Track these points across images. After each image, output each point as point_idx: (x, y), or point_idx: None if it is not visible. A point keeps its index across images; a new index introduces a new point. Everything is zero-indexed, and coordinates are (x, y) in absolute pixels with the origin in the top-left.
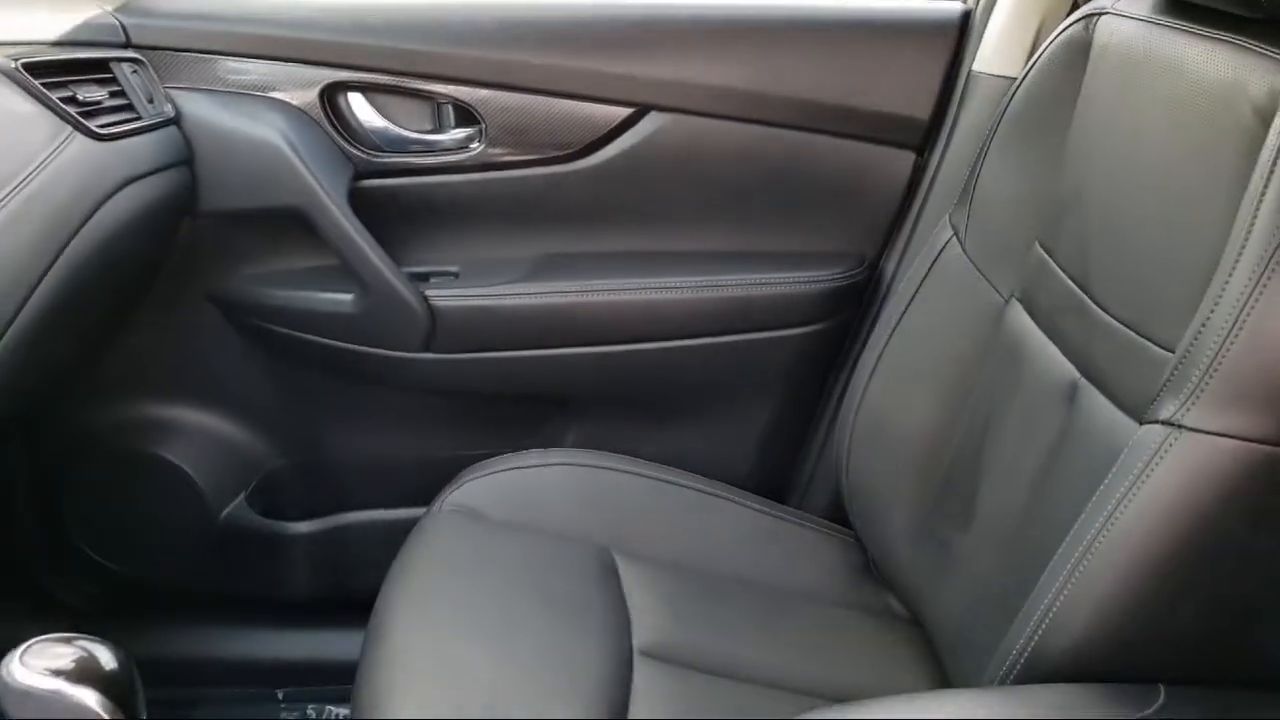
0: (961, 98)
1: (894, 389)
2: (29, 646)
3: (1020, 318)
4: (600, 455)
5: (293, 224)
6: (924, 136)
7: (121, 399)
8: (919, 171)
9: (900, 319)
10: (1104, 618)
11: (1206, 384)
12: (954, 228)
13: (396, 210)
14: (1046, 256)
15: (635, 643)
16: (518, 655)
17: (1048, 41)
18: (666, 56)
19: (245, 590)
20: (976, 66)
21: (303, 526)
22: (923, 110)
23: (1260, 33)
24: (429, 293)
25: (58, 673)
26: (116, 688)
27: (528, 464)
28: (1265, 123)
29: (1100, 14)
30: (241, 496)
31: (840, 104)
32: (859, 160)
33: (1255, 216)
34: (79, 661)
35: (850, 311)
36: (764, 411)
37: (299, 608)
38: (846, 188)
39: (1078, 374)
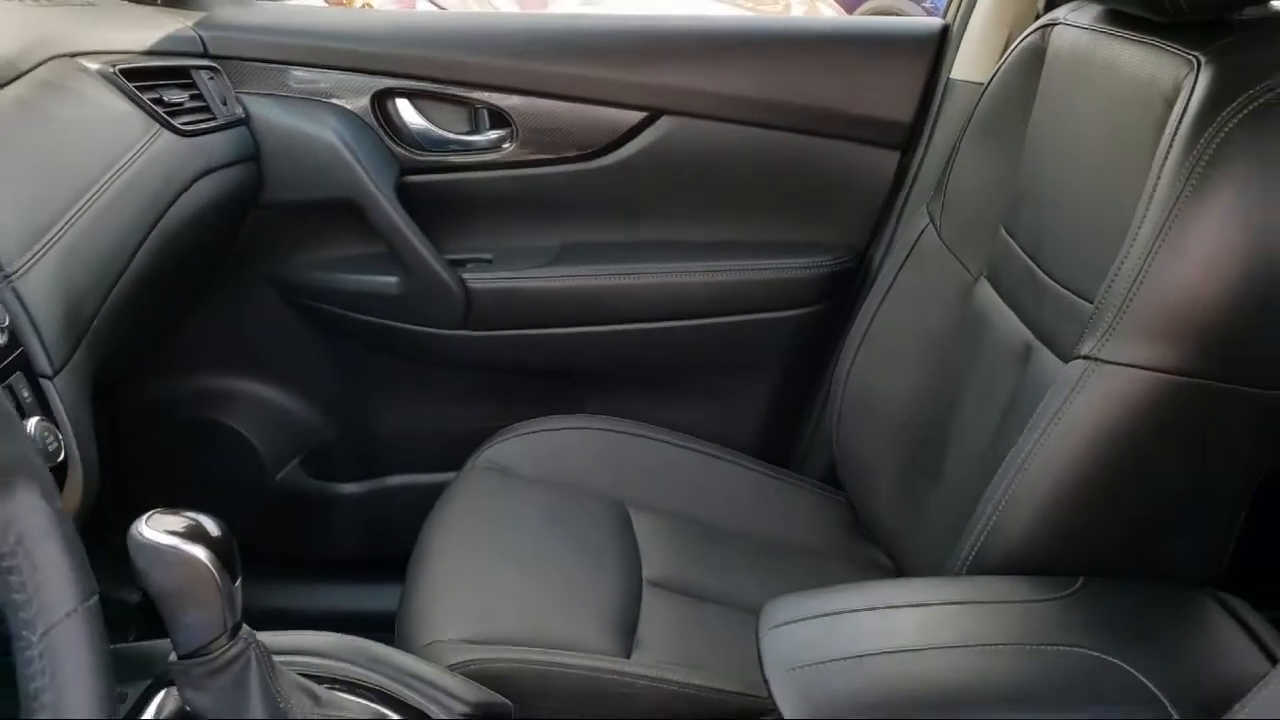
0: (940, 102)
1: (877, 363)
2: (150, 515)
3: (986, 292)
4: (616, 421)
5: (345, 214)
6: (907, 137)
7: (189, 372)
8: (903, 168)
9: (882, 300)
10: (1034, 525)
11: (1117, 324)
12: (930, 216)
13: (437, 203)
14: (1009, 238)
15: (645, 575)
16: (544, 584)
17: (1010, 50)
18: (677, 66)
19: (297, 545)
20: (954, 74)
21: (350, 488)
22: (905, 114)
23: (1172, 35)
24: (466, 276)
25: (174, 533)
26: (221, 547)
27: (552, 427)
28: (1170, 107)
29: (1054, 24)
30: (296, 461)
31: (831, 108)
32: (848, 159)
33: (1156, 184)
34: (190, 527)
35: (841, 295)
36: (764, 385)
37: (345, 563)
38: (837, 183)
39: (1031, 336)
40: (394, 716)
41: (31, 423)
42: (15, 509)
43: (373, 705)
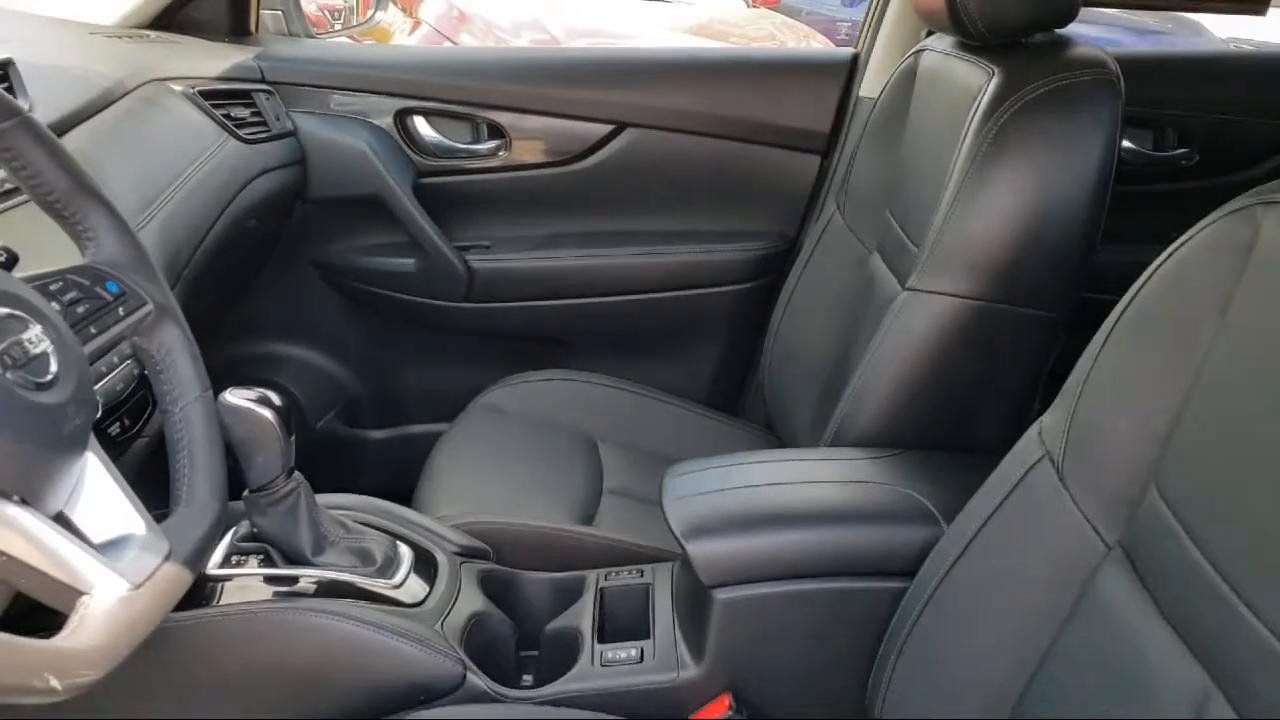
0: (851, 115)
1: (797, 323)
2: (232, 388)
3: (875, 260)
4: (590, 375)
5: (373, 208)
6: (826, 144)
7: (246, 339)
8: (823, 170)
9: (801, 273)
10: (874, 410)
11: (927, 263)
12: (838, 205)
13: (447, 199)
14: (890, 218)
15: (605, 485)
16: (522, 484)
17: (893, 73)
18: (638, 88)
19: (332, 483)
20: (861, 93)
21: (376, 434)
22: (824, 125)
23: (985, 54)
24: (469, 258)
25: (249, 399)
26: (281, 412)
27: (537, 379)
28: (974, 103)
29: (923, 50)
30: (332, 413)
31: (764, 121)
32: (778, 162)
33: (956, 160)
34: (261, 396)
35: (776, 274)
36: (713, 347)
37: (373, 494)
38: (771, 182)
39: (900, 287)
40: (403, 546)
41: None
42: (165, 333)
43: (386, 539)
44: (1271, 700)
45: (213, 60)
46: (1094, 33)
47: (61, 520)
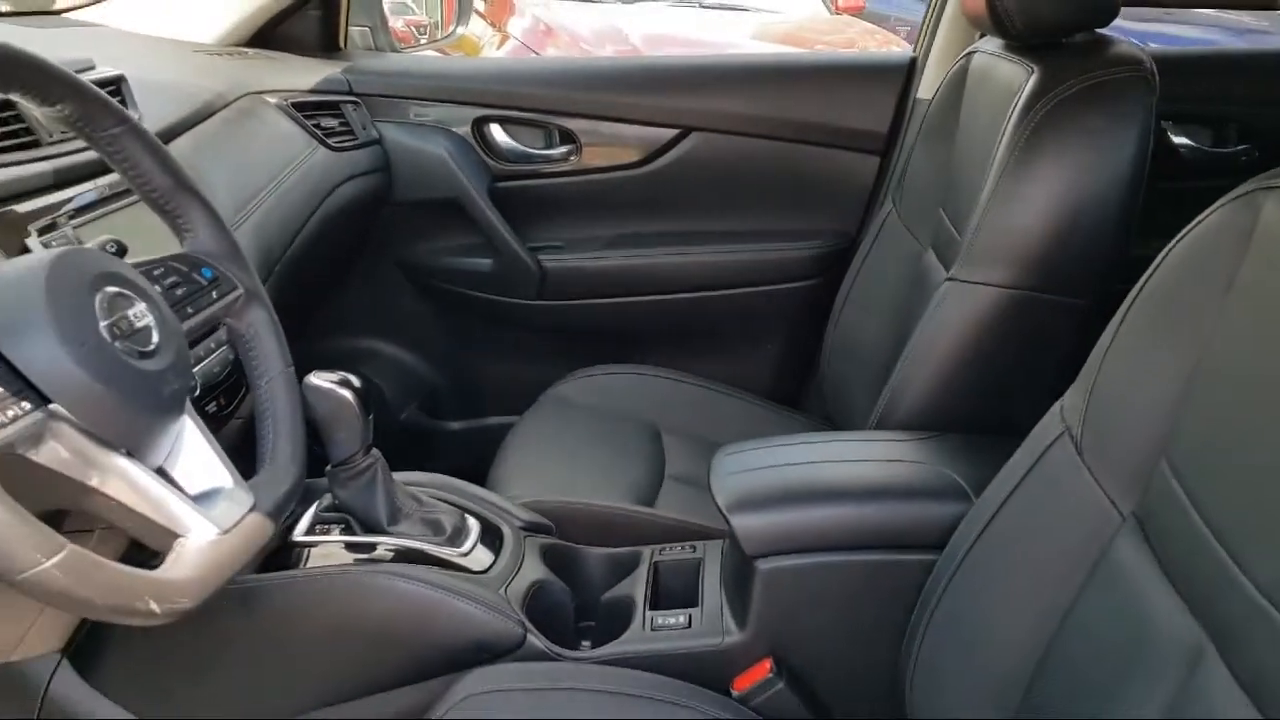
0: (910, 116)
1: (855, 317)
2: (315, 371)
3: (929, 256)
4: (656, 368)
5: (452, 211)
6: (885, 144)
7: (335, 335)
8: (882, 170)
9: (860, 269)
10: (916, 395)
11: (968, 255)
12: (894, 203)
13: (520, 202)
14: (942, 214)
15: (666, 471)
16: (586, 469)
17: (947, 74)
18: (701, 94)
19: (415, 469)
20: (919, 94)
21: (455, 425)
22: (883, 126)
23: (1027, 53)
24: (542, 258)
25: (332, 381)
26: (360, 393)
27: (604, 373)
28: (1013, 100)
29: (974, 53)
30: (415, 404)
31: (825, 123)
32: (839, 163)
33: (996, 155)
34: (342, 379)
35: (836, 271)
36: (777, 342)
37: None
38: (831, 182)
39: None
40: (471, 519)
41: None
42: (253, 315)
43: (456, 512)
44: (1258, 653)
45: (304, 74)
46: (1192, 34)
47: (162, 473)
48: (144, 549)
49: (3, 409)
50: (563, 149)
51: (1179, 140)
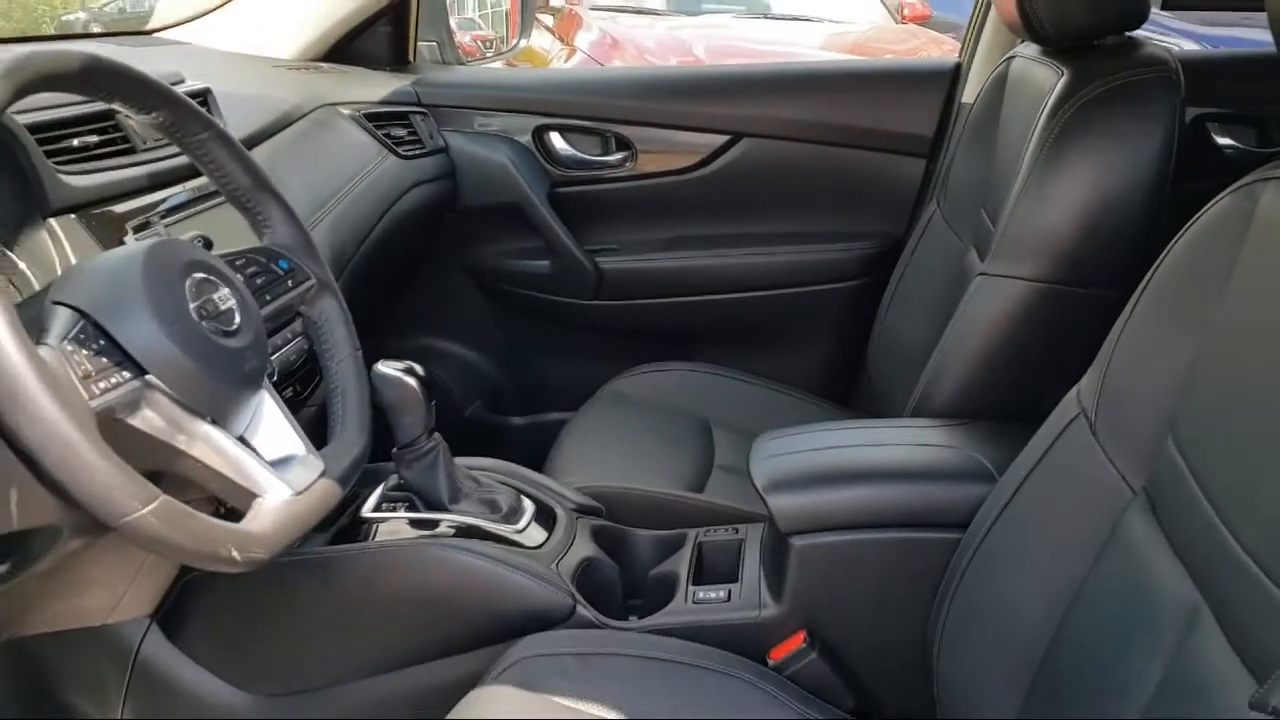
0: (954, 120)
1: (901, 314)
2: (383, 360)
3: (971, 255)
4: (709, 366)
5: (514, 216)
6: (931, 148)
7: (403, 334)
8: (928, 173)
9: (905, 268)
10: (949, 387)
11: (999, 250)
12: (938, 203)
13: (578, 206)
14: (984, 215)
15: (715, 461)
16: (639, 458)
17: (987, 79)
18: (751, 101)
19: None
20: (964, 99)
21: (517, 420)
22: (929, 130)
23: (1059, 56)
24: (599, 260)
25: (398, 369)
26: (424, 380)
27: (658, 370)
28: (1043, 101)
29: (1013, 58)
30: (479, 402)
31: (872, 127)
32: (885, 166)
33: (1025, 153)
34: (407, 367)
35: (883, 271)
36: (825, 340)
37: None
38: (878, 185)
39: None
40: (526, 500)
41: None
42: (325, 303)
43: (512, 493)
44: (1246, 613)
45: (375, 87)
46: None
47: (243, 441)
48: (229, 512)
49: (105, 377)
50: (619, 155)
51: (1222, 141)
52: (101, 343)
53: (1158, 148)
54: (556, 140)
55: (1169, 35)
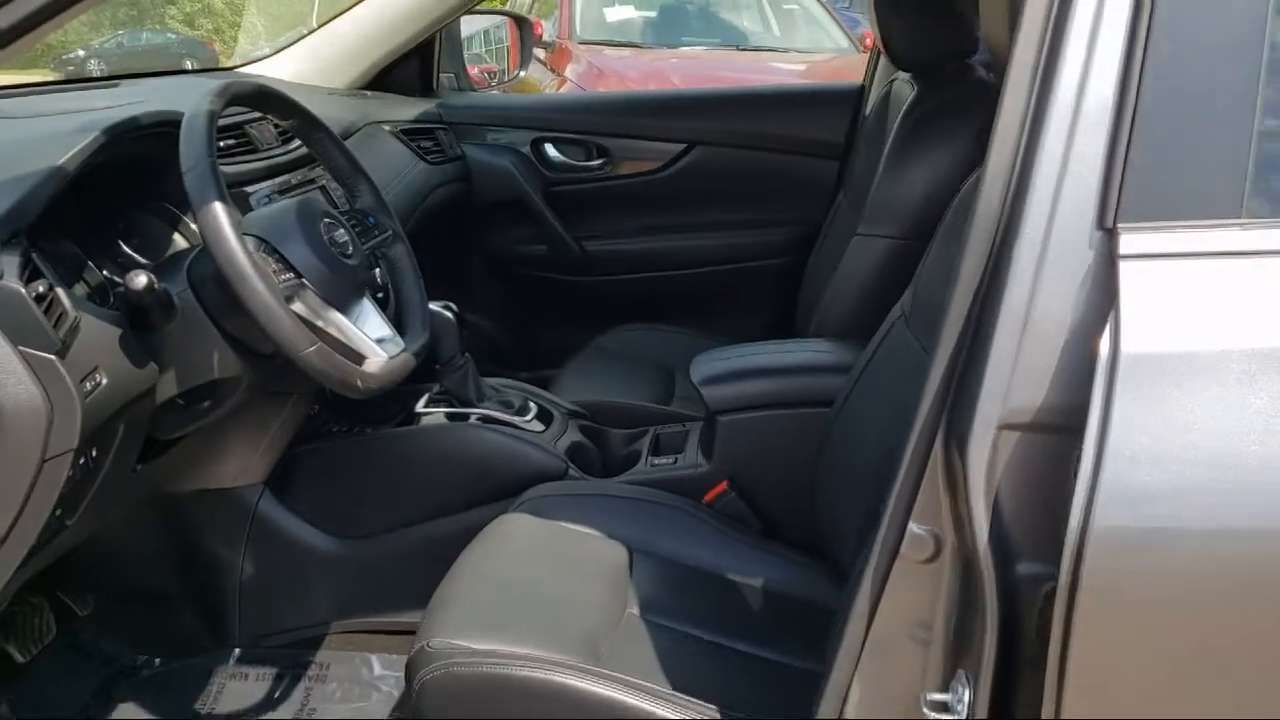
0: (859, 129)
1: (814, 279)
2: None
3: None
4: (671, 326)
5: (517, 210)
6: (843, 151)
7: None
8: (841, 170)
9: (821, 244)
10: (834, 319)
11: (867, 216)
12: (844, 193)
13: (568, 202)
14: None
15: (676, 393)
16: (614, 383)
17: (878, 97)
18: (703, 116)
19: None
20: (866, 113)
21: (524, 375)
22: (840, 137)
23: (918, 78)
24: (585, 244)
25: (438, 307)
26: (458, 314)
27: (631, 331)
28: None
29: (894, 80)
30: (488, 360)
31: (798, 135)
32: (808, 167)
33: (888, 146)
34: (445, 305)
35: (807, 250)
36: (762, 307)
37: None
38: (802, 181)
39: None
40: (532, 402)
41: None
42: (398, 248)
43: (521, 397)
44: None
45: (408, 109)
46: None
47: (357, 324)
48: None
49: (279, 274)
50: (599, 161)
51: None
52: (276, 257)
53: (973, 141)
54: (550, 149)
55: None
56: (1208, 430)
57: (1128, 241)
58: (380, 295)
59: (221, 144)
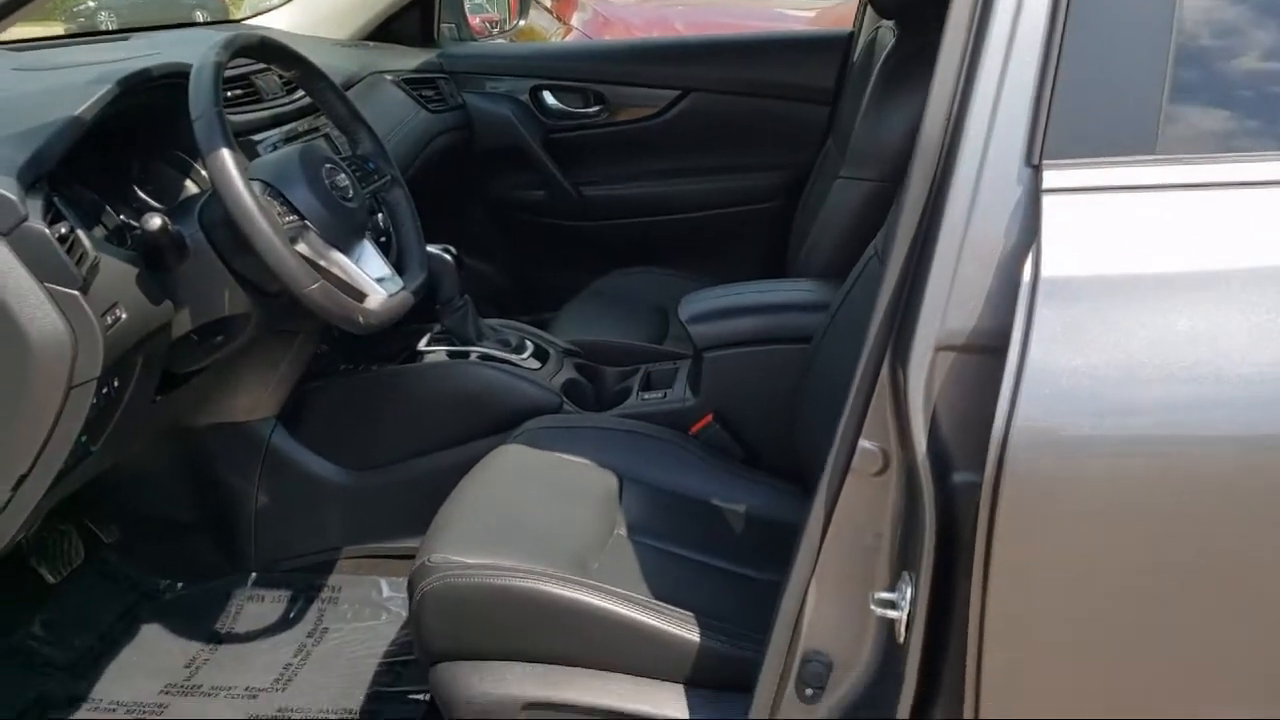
0: (847, 75)
1: (804, 219)
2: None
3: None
4: (665, 269)
5: (516, 157)
6: (833, 97)
7: None
8: (831, 116)
9: (811, 187)
10: (817, 256)
11: (849, 160)
12: (832, 137)
13: (567, 149)
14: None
15: (668, 334)
16: (609, 323)
17: (864, 43)
18: (696, 64)
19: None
20: (855, 59)
21: (524, 317)
22: (830, 83)
23: (900, 24)
24: (582, 189)
25: (438, 249)
26: (457, 256)
27: (626, 274)
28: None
29: (879, 27)
30: (489, 304)
31: (788, 82)
32: (798, 112)
33: (870, 89)
34: (444, 248)
35: (797, 194)
36: (754, 250)
37: None
38: (792, 126)
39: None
40: (529, 341)
41: None
42: (396, 192)
43: (518, 336)
44: None
45: (410, 59)
46: None
47: (357, 264)
48: None
49: (284, 217)
50: (596, 108)
51: None
52: (280, 200)
53: None
54: (548, 97)
55: None
56: (1120, 347)
57: (1051, 177)
58: (383, 240)
59: (229, 94)
